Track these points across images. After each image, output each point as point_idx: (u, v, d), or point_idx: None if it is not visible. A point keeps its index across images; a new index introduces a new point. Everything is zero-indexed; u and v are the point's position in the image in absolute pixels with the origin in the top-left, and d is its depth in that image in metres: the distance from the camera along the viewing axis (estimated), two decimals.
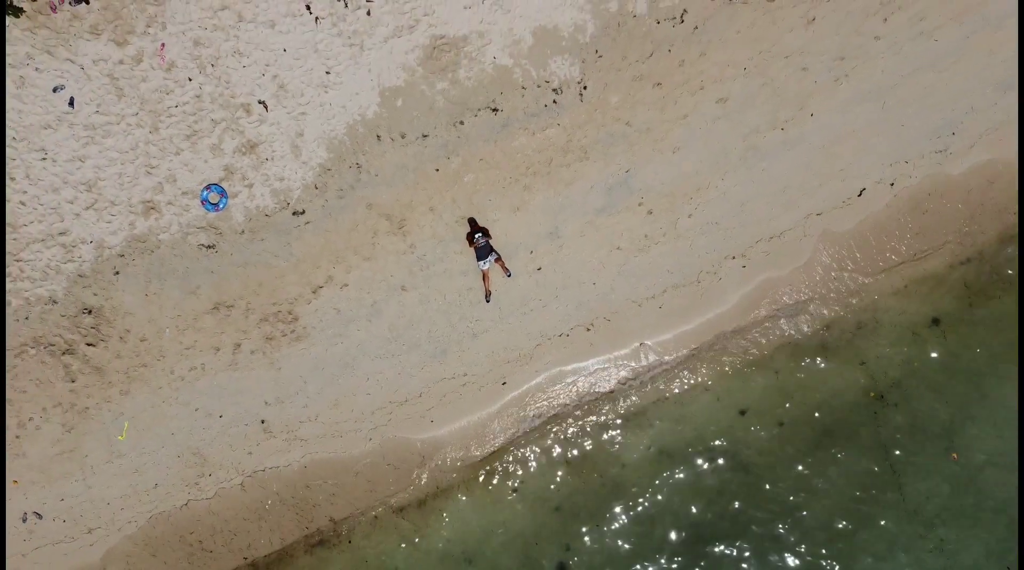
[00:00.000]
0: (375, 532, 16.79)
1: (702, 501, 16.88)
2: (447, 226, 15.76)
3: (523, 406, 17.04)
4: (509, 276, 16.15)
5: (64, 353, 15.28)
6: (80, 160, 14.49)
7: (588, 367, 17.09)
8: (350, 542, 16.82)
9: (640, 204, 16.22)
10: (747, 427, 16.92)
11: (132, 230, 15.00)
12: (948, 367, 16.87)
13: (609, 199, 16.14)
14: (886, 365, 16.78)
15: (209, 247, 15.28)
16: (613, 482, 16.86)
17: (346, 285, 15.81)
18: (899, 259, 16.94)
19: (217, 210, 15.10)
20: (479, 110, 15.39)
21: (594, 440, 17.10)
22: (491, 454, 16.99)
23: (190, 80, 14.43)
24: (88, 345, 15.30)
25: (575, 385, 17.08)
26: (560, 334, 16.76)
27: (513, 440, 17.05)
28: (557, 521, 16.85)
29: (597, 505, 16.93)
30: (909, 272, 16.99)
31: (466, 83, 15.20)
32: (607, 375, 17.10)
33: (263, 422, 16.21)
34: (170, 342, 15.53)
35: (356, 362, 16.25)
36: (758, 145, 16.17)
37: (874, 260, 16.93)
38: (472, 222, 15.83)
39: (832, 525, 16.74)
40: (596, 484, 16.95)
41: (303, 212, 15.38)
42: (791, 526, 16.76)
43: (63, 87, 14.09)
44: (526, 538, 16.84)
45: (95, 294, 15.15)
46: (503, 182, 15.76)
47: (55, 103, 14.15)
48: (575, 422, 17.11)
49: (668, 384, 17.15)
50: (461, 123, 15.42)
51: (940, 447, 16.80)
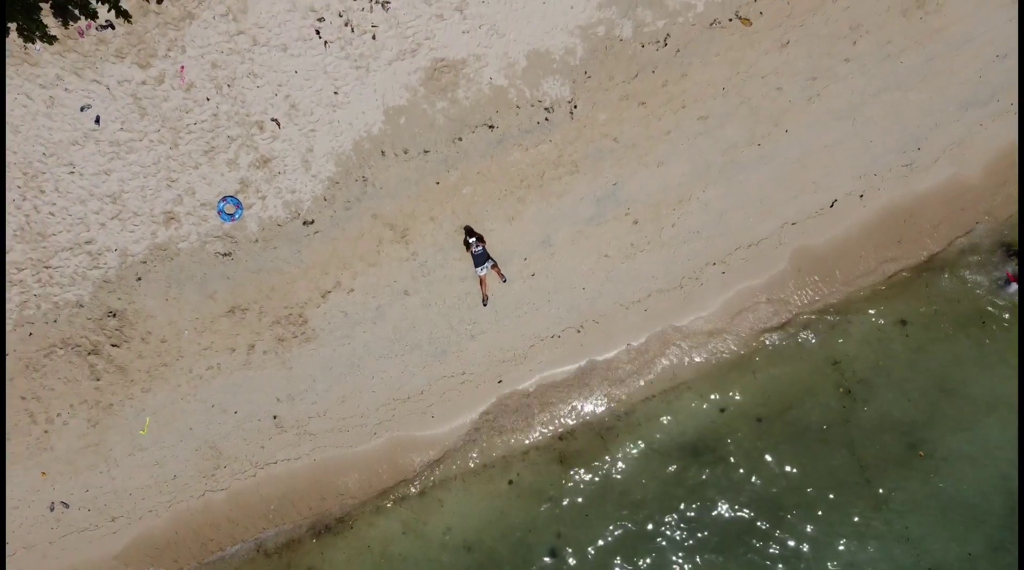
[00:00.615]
0: (378, 520, 16.93)
1: (685, 492, 16.99)
2: (447, 235, 16.03)
3: (518, 403, 17.16)
4: (505, 281, 16.34)
5: (90, 353, 15.65)
6: (106, 174, 14.95)
7: (578, 367, 17.13)
8: (352, 529, 16.95)
9: (627, 214, 16.42)
10: (727, 423, 17.06)
11: (154, 239, 15.41)
12: (915, 366, 17.01)
13: (598, 210, 16.34)
14: (857, 365, 16.95)
15: (225, 255, 15.63)
16: (602, 475, 17.01)
17: (353, 290, 16.08)
18: (869, 266, 17.05)
19: (233, 220, 15.46)
20: (476, 127, 15.74)
21: (584, 435, 17.18)
22: (488, 448, 17.10)
23: (208, 99, 14.93)
24: (112, 346, 15.68)
25: (566, 384, 17.17)
26: (552, 335, 16.90)
27: (508, 435, 17.14)
28: (549, 511, 16.94)
29: (586, 496, 17.00)
30: (878, 278, 17.09)
31: (464, 102, 15.59)
32: (595, 374, 17.15)
33: (275, 418, 16.46)
34: (188, 343, 15.88)
35: (362, 362, 16.46)
36: (736, 159, 16.39)
37: (846, 267, 17.03)
38: (470, 231, 16.03)
39: (806, 515, 16.85)
40: (586, 477, 17.05)
41: (313, 222, 15.72)
42: (768, 516, 16.88)
43: (90, 106, 14.62)
44: (521, 527, 17.00)
45: (119, 298, 15.55)
46: (499, 194, 16.04)
47: (83, 121, 14.66)
48: (566, 418, 17.20)
49: (653, 383, 17.19)
50: (460, 139, 15.75)
51: (907, 442, 16.89)
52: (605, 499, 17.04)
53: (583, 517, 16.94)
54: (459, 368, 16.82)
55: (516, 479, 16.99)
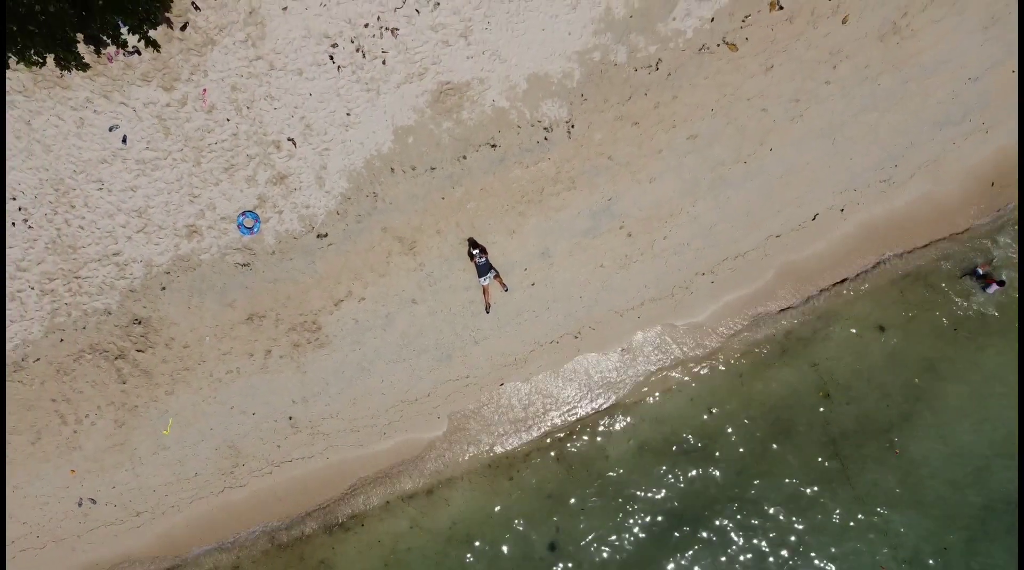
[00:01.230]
0: (387, 516, 17.22)
1: (676, 489, 17.28)
2: (452, 247, 16.24)
3: (516, 404, 17.44)
4: (506, 291, 16.57)
5: (117, 358, 15.90)
6: (132, 190, 15.14)
7: (575, 370, 17.37)
8: (363, 525, 17.26)
9: (621, 227, 16.62)
10: (715, 424, 17.33)
11: (177, 251, 15.60)
12: (891, 369, 17.23)
13: (594, 223, 16.52)
14: (835, 368, 17.21)
15: (244, 265, 15.85)
16: (598, 472, 17.31)
17: (363, 298, 16.30)
18: (848, 275, 17.30)
19: (251, 233, 15.61)
20: (480, 146, 15.89)
21: (581, 435, 17.42)
22: (490, 448, 17.41)
23: (228, 120, 15.06)
24: (138, 351, 15.94)
25: (564, 386, 17.43)
26: (551, 341, 17.14)
27: (509, 434, 17.47)
28: (548, 506, 17.26)
29: (583, 492, 17.30)
30: (857, 286, 17.31)
31: (468, 123, 15.74)
32: (592, 377, 17.41)
33: (290, 419, 16.72)
34: (209, 348, 16.08)
35: (372, 366, 16.67)
36: (724, 176, 16.56)
37: (826, 276, 17.28)
38: (473, 243, 16.24)
39: (790, 509, 17.15)
40: (583, 474, 17.34)
41: (326, 235, 15.91)
42: (754, 510, 17.19)
43: (118, 126, 14.77)
44: (521, 521, 17.28)
45: (144, 307, 15.76)
46: (501, 208, 16.22)
47: (111, 140, 14.81)
48: (564, 419, 17.43)
49: (646, 385, 17.42)
50: (464, 157, 15.90)
51: (884, 442, 17.17)
52: (601, 495, 17.30)
53: (580, 512, 17.27)
54: (464, 372, 17.04)
55: (516, 476, 17.25)
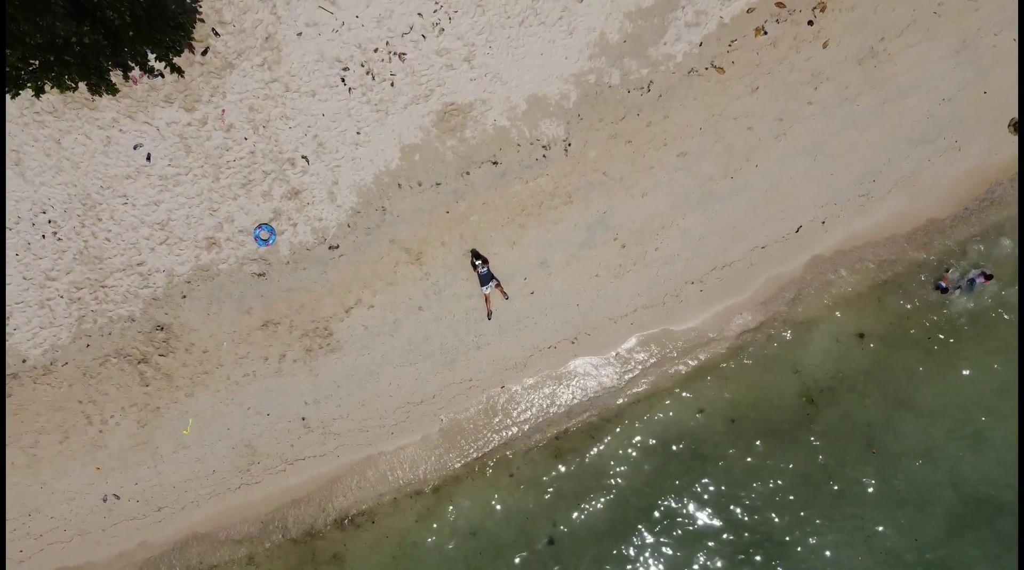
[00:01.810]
0: (395, 512, 17.47)
1: (668, 485, 17.56)
2: (456, 258, 16.54)
3: (516, 405, 17.75)
4: (507, 299, 16.84)
5: (140, 362, 16.27)
6: (155, 204, 15.54)
7: (572, 373, 17.64)
8: (373, 522, 17.53)
9: (615, 239, 16.89)
10: (704, 424, 17.60)
11: (197, 261, 15.97)
12: (870, 374, 17.50)
13: (589, 235, 16.80)
14: (817, 372, 17.48)
15: (260, 275, 16.21)
16: (594, 469, 17.56)
17: (373, 306, 16.60)
18: (829, 284, 17.54)
19: (267, 245, 15.99)
20: (482, 163, 16.22)
21: (577, 434, 17.66)
22: (491, 447, 17.67)
23: (246, 139, 15.47)
24: (160, 356, 16.29)
25: (561, 389, 17.67)
26: (549, 346, 17.38)
27: (510, 435, 17.73)
28: (547, 501, 17.49)
29: (581, 488, 17.54)
30: (839, 293, 17.54)
31: (471, 141, 16.09)
32: (588, 380, 17.67)
33: (303, 419, 17.00)
34: (227, 353, 16.42)
35: (380, 369, 16.95)
36: (712, 190, 16.81)
37: (808, 284, 17.57)
38: (476, 254, 16.56)
39: (774, 506, 17.46)
40: (579, 471, 17.59)
41: (338, 246, 16.24)
42: (742, 506, 17.51)
43: (142, 145, 15.24)
44: (521, 516, 17.52)
45: (166, 314, 16.12)
46: (502, 221, 16.52)
47: (135, 158, 15.26)
48: (562, 419, 17.67)
49: (639, 388, 17.69)
50: (467, 173, 16.24)
51: (863, 442, 17.46)
52: (597, 492, 17.59)
53: (577, 508, 17.57)
54: (467, 375, 17.30)
55: (516, 473, 17.55)
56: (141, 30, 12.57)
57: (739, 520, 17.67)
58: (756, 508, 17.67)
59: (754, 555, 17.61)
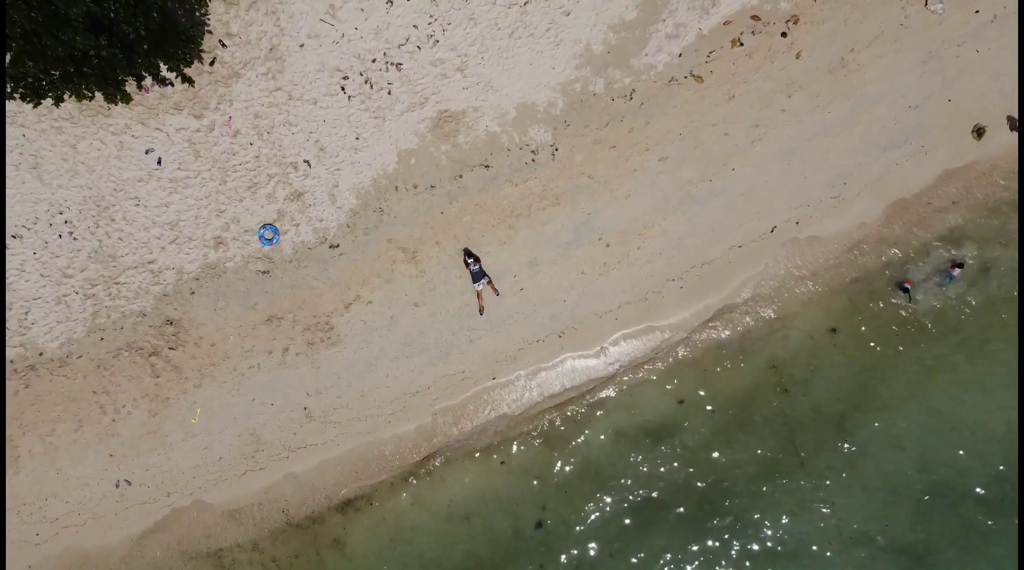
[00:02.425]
0: (392, 495, 17.85)
1: (649, 471, 18.01)
2: (450, 256, 16.97)
3: (509, 396, 18.07)
4: (498, 295, 17.23)
5: (151, 355, 16.69)
6: (166, 206, 15.96)
7: (559, 366, 17.98)
8: (372, 504, 17.90)
9: (600, 239, 17.32)
10: (685, 414, 18.06)
11: (205, 260, 16.39)
12: (842, 367, 17.97)
13: (575, 235, 17.23)
14: (791, 365, 17.94)
15: (264, 273, 16.61)
16: (580, 457, 18.00)
17: (371, 302, 17.00)
18: (802, 281, 17.98)
19: (271, 244, 16.41)
20: (474, 167, 16.65)
21: (564, 423, 18.08)
22: (484, 436, 18.06)
23: (251, 144, 15.90)
24: (170, 349, 16.71)
25: (549, 381, 18.04)
26: (538, 340, 17.79)
27: (501, 423, 18.12)
28: (536, 487, 17.94)
29: (567, 475, 18.01)
30: (812, 290, 17.98)
31: (464, 146, 16.53)
32: (574, 373, 18.03)
33: (305, 409, 17.35)
34: (233, 346, 16.83)
35: (378, 362, 17.31)
36: (692, 193, 17.26)
37: (782, 282, 18.00)
38: (468, 252, 16.94)
39: (751, 490, 17.95)
40: (566, 459, 18.03)
41: (338, 245, 16.67)
42: (718, 491, 17.97)
43: (153, 149, 15.68)
44: (512, 500, 17.95)
45: (175, 309, 16.54)
46: (493, 222, 16.96)
47: (147, 162, 15.68)
48: (549, 409, 18.07)
49: (623, 379, 18.10)
50: (460, 177, 16.66)
51: (835, 431, 17.93)
52: (583, 477, 18.06)
53: (564, 493, 18.05)
54: (460, 367, 17.70)
55: (507, 460, 17.99)
56: (155, 43, 13.14)
57: (716, 505, 18.17)
58: (733, 493, 18.18)
59: (730, 539, 18.13)
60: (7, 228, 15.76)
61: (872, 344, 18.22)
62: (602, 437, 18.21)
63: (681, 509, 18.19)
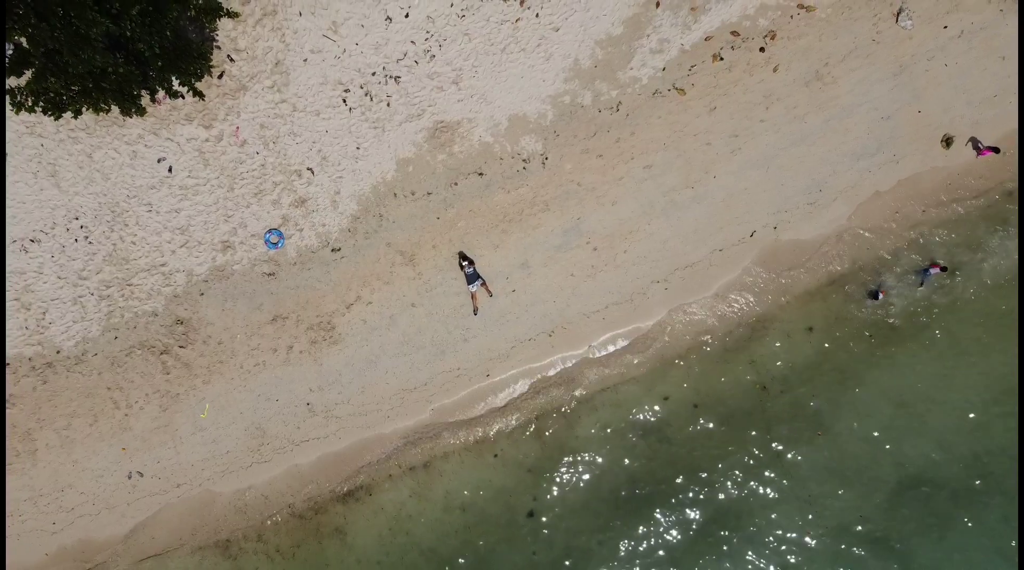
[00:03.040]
0: (391, 487, 18.30)
1: (636, 464, 18.49)
2: (446, 259, 17.40)
3: (500, 392, 18.51)
4: (492, 296, 17.61)
5: (162, 353, 17.16)
6: (176, 211, 16.42)
7: (549, 364, 18.39)
8: (371, 495, 18.37)
9: (588, 243, 17.72)
10: (669, 409, 18.52)
11: (214, 262, 16.85)
12: (818, 365, 18.43)
13: (565, 239, 17.64)
14: (770, 363, 18.40)
15: (270, 275, 17.08)
16: (569, 450, 18.50)
17: (371, 303, 17.45)
18: (780, 283, 18.43)
19: (276, 248, 16.85)
20: (469, 174, 17.09)
21: (555, 419, 18.49)
22: (478, 428, 18.53)
23: (257, 153, 16.34)
24: (180, 347, 17.18)
25: (539, 378, 18.48)
26: (529, 339, 18.20)
27: (494, 418, 18.60)
28: (528, 478, 18.42)
29: (557, 467, 18.47)
30: (789, 292, 18.42)
31: (459, 155, 16.97)
32: (564, 370, 18.45)
33: (308, 404, 17.79)
34: (240, 345, 17.30)
35: (378, 360, 17.75)
36: (675, 199, 17.69)
37: (762, 285, 18.44)
38: (463, 256, 17.35)
39: (731, 481, 18.44)
40: (556, 451, 18.47)
41: (339, 249, 17.12)
42: (699, 482, 18.45)
43: (164, 158, 16.15)
44: (505, 491, 18.41)
45: (185, 309, 17.00)
46: (487, 227, 17.40)
47: (158, 170, 16.17)
48: (540, 405, 18.49)
49: (611, 376, 18.48)
50: (456, 184, 17.09)
51: (810, 425, 18.44)
52: (572, 470, 18.50)
53: (555, 484, 18.52)
54: (455, 365, 18.13)
55: (500, 453, 18.46)
56: (169, 60, 13.71)
57: (699, 496, 18.69)
58: (714, 485, 18.70)
59: (713, 528, 18.67)
60: (26, 233, 16.31)
61: (846, 343, 18.70)
62: (591, 431, 18.64)
63: (665, 500, 18.67)
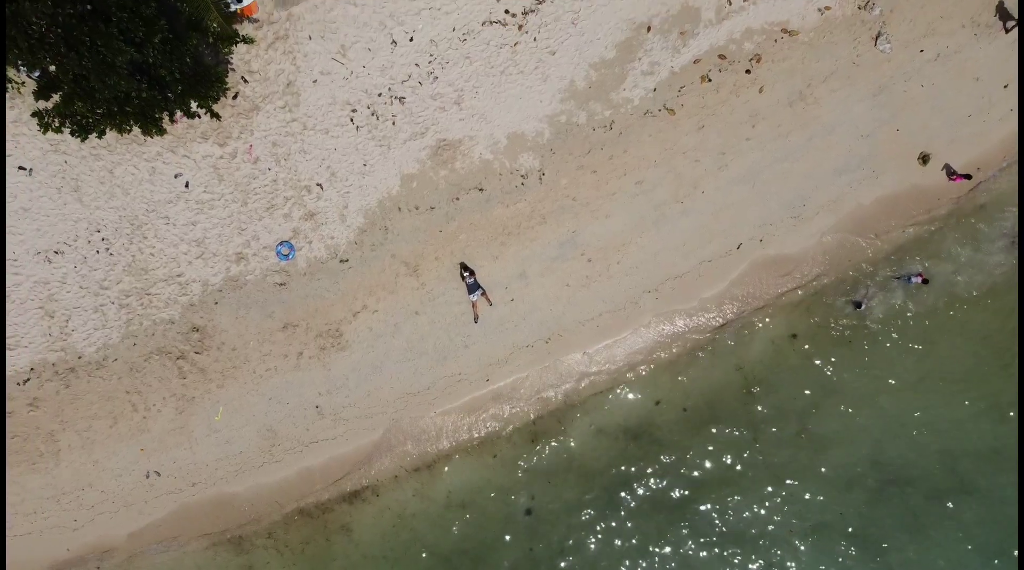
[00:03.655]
0: (395, 487, 18.76)
1: (627, 464, 18.98)
2: (448, 270, 17.81)
3: (499, 396, 18.90)
4: (491, 305, 18.03)
5: (178, 358, 17.58)
6: (192, 224, 16.85)
7: (546, 369, 18.75)
8: (377, 495, 18.81)
9: (583, 254, 18.21)
10: (660, 413, 19.00)
11: (228, 273, 17.29)
12: (801, 370, 18.94)
13: (561, 251, 18.09)
14: (756, 368, 18.90)
15: (281, 285, 17.49)
16: (564, 451, 18.96)
17: (376, 311, 17.86)
18: (766, 292, 18.91)
19: (287, 259, 17.27)
20: (470, 190, 17.52)
21: (551, 422, 18.98)
22: (477, 431, 18.96)
23: (269, 169, 16.77)
24: (195, 353, 17.61)
25: (536, 382, 18.89)
26: (527, 346, 18.68)
27: (493, 421, 18.99)
28: (524, 478, 18.90)
29: (552, 467, 18.93)
30: (774, 301, 18.95)
31: (461, 171, 17.41)
32: (560, 375, 18.84)
33: (317, 407, 18.23)
34: (253, 351, 17.74)
35: (383, 365, 18.18)
36: (665, 213, 18.17)
37: (748, 294, 18.93)
38: (464, 266, 17.74)
39: (718, 482, 19.00)
40: (553, 453, 18.96)
41: (347, 260, 17.54)
42: (688, 483, 18.99)
43: (181, 174, 16.58)
44: (503, 490, 18.87)
45: (201, 317, 17.44)
46: (487, 239, 17.84)
47: (176, 185, 16.59)
48: (536, 408, 18.92)
49: (603, 381, 18.96)
50: (457, 199, 17.51)
51: (795, 427, 18.95)
52: (567, 470, 19.05)
53: (550, 483, 19.02)
54: (456, 370, 18.57)
55: (499, 454, 18.92)
56: (188, 85, 14.37)
57: (689, 495, 19.24)
58: (702, 485, 19.25)
59: (700, 525, 19.22)
60: (51, 245, 16.82)
61: (828, 349, 19.26)
62: (585, 434, 19.15)
63: (654, 499, 19.18)
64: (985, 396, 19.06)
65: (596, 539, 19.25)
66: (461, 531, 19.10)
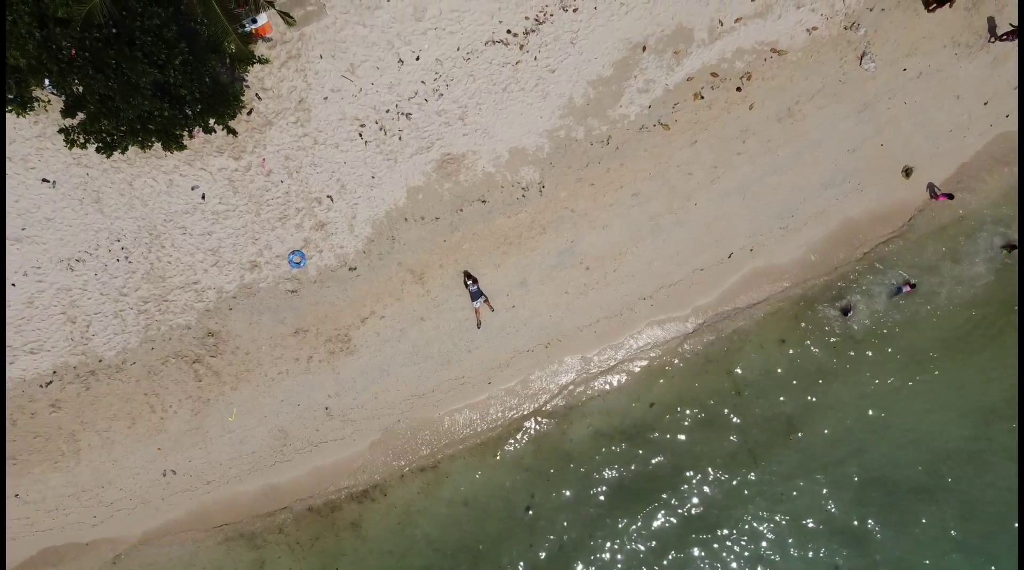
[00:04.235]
0: (402, 486, 19.14)
1: (624, 465, 19.41)
2: (452, 278, 18.20)
3: (502, 398, 19.29)
4: (493, 311, 18.42)
5: (194, 362, 17.97)
6: (208, 234, 17.23)
7: (546, 372, 19.19)
8: (385, 495, 19.18)
9: (581, 263, 18.60)
10: (655, 415, 19.43)
11: (242, 280, 17.66)
12: (790, 374, 19.39)
13: (560, 260, 18.48)
14: (747, 372, 19.31)
15: (293, 292, 17.86)
16: (563, 451, 19.41)
17: (383, 317, 18.23)
18: (756, 300, 19.36)
19: (299, 268, 17.66)
20: (473, 201, 17.93)
21: (550, 423, 19.39)
22: (480, 431, 19.36)
23: (282, 182, 17.14)
24: (210, 357, 18.00)
25: (536, 385, 19.28)
26: (527, 350, 19.11)
27: (495, 423, 19.36)
28: (526, 477, 19.29)
29: (552, 466, 19.36)
30: (764, 308, 19.42)
31: (464, 183, 17.80)
32: (558, 378, 19.28)
33: (326, 409, 18.61)
34: (265, 355, 18.14)
35: (389, 368, 18.56)
36: (660, 224, 18.59)
37: (739, 301, 19.33)
38: (468, 274, 18.10)
39: (710, 482, 19.43)
40: (551, 453, 19.36)
41: (356, 268, 17.92)
42: (681, 483, 19.35)
43: (198, 186, 16.97)
44: (505, 489, 19.27)
45: (216, 323, 17.81)
46: (489, 249, 18.19)
47: (192, 197, 16.96)
48: (537, 410, 19.31)
49: (600, 384, 19.38)
50: (461, 210, 17.93)
51: (784, 429, 19.40)
52: (566, 469, 19.45)
53: (550, 483, 19.43)
54: (460, 373, 18.96)
55: (500, 454, 19.30)
56: (208, 104, 14.92)
57: (681, 494, 19.66)
58: (694, 484, 19.67)
59: (696, 522, 19.71)
60: (73, 253, 17.28)
61: (815, 353, 19.72)
62: (582, 435, 19.56)
63: (649, 498, 19.62)
64: (967, 400, 19.56)
65: (593, 535, 19.63)
66: (464, 528, 19.49)
